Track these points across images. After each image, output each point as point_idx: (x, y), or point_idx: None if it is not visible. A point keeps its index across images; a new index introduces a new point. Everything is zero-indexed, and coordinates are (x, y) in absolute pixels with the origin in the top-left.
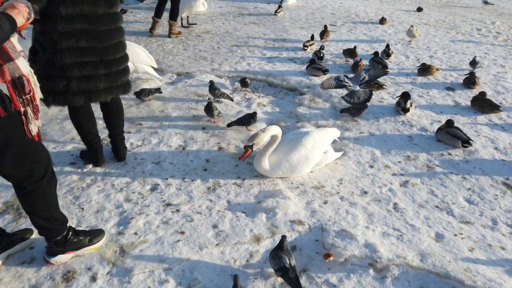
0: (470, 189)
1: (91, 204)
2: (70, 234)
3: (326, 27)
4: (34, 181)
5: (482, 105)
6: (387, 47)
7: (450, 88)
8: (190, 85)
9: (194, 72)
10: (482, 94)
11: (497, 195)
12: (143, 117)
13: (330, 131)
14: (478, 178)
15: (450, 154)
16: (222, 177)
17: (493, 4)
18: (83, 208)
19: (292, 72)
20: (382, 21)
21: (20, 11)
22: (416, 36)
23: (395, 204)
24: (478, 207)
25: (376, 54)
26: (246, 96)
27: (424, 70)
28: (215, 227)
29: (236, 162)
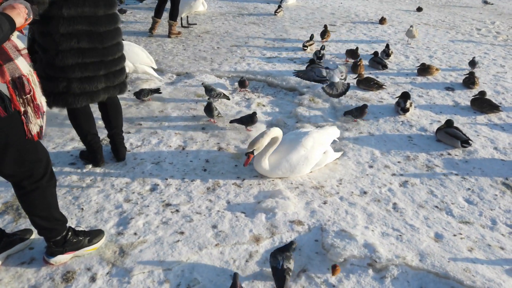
0: (469, 189)
1: (90, 205)
2: (70, 234)
3: (326, 27)
4: (34, 181)
5: (482, 105)
6: (387, 47)
7: (450, 88)
8: (190, 85)
9: (194, 72)
10: (482, 93)
11: (496, 195)
12: (142, 117)
13: (329, 131)
14: (478, 178)
15: (449, 154)
16: (222, 177)
17: (493, 4)
18: (82, 209)
19: (292, 72)
20: (382, 21)
21: (20, 12)
22: (416, 36)
23: (394, 204)
24: (477, 207)
25: (376, 54)
26: (246, 96)
27: (424, 70)
28: (214, 227)
29: (235, 162)
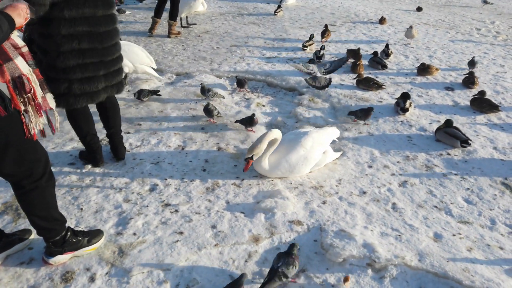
0: (468, 189)
1: (90, 205)
2: (69, 234)
3: (326, 26)
4: (33, 180)
5: (481, 105)
6: (387, 46)
7: (449, 88)
8: (190, 85)
9: (194, 72)
10: (481, 93)
11: (495, 195)
12: (142, 117)
13: (329, 131)
14: (477, 178)
15: (449, 154)
16: (221, 177)
17: (492, 4)
18: (82, 209)
19: (292, 72)
20: (382, 21)
21: (20, 12)
22: (415, 37)
23: (393, 204)
24: (476, 207)
25: (376, 54)
26: (245, 96)
27: (424, 70)
28: (213, 227)
29: (235, 162)
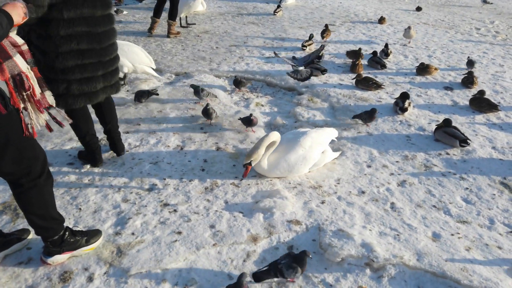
0: (467, 188)
1: (88, 205)
2: (67, 234)
3: (327, 26)
4: (32, 178)
5: (480, 104)
6: (386, 46)
7: (449, 87)
8: (189, 85)
9: (193, 72)
10: (481, 93)
11: (494, 194)
12: (141, 117)
13: (328, 131)
14: (476, 178)
15: (447, 154)
16: (220, 177)
17: (492, 3)
18: (80, 209)
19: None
20: (381, 20)
21: (19, 12)
22: (413, 37)
23: (392, 203)
24: (475, 206)
25: (375, 54)
26: (245, 96)
27: (423, 69)
28: (212, 227)
29: (234, 162)
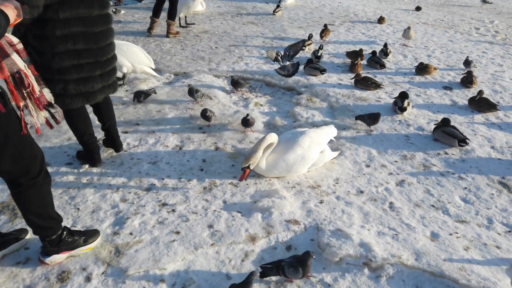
0: (466, 188)
1: (87, 204)
2: (65, 234)
3: (326, 26)
4: (31, 177)
5: (479, 104)
6: (385, 46)
7: (448, 87)
8: (187, 85)
9: (192, 72)
10: (480, 93)
11: (493, 194)
12: (140, 117)
13: (327, 131)
14: (474, 177)
15: (446, 153)
16: (219, 177)
17: (491, 3)
18: (78, 208)
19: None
20: (381, 20)
21: (9, 12)
22: (412, 38)
23: (391, 203)
24: (474, 206)
25: (374, 53)
26: (244, 96)
27: (422, 69)
28: (210, 227)
29: (232, 162)
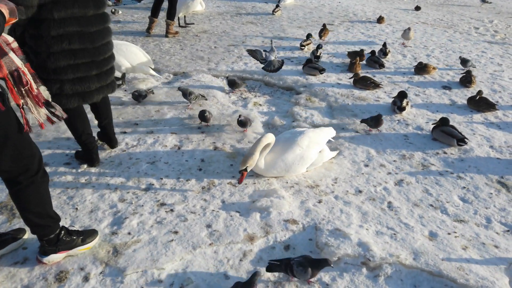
0: (464, 187)
1: (85, 204)
2: (63, 233)
3: (324, 25)
4: (30, 175)
5: (478, 103)
6: (384, 45)
7: (447, 87)
8: (187, 85)
9: (191, 72)
10: (480, 92)
11: (491, 193)
12: (138, 117)
13: (325, 131)
14: (473, 177)
15: (445, 153)
16: (217, 176)
17: (491, 3)
18: (77, 208)
19: (289, 72)
20: (380, 20)
21: (5, 9)
22: (412, 38)
23: (389, 203)
24: (472, 205)
25: (373, 53)
26: (243, 95)
27: (421, 69)
28: (209, 226)
29: (231, 162)
